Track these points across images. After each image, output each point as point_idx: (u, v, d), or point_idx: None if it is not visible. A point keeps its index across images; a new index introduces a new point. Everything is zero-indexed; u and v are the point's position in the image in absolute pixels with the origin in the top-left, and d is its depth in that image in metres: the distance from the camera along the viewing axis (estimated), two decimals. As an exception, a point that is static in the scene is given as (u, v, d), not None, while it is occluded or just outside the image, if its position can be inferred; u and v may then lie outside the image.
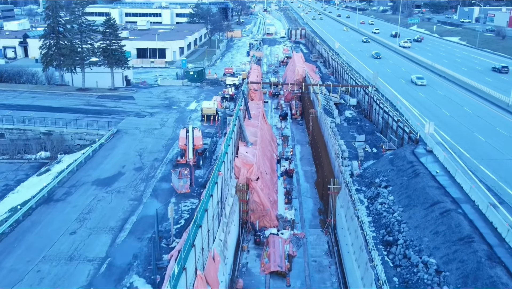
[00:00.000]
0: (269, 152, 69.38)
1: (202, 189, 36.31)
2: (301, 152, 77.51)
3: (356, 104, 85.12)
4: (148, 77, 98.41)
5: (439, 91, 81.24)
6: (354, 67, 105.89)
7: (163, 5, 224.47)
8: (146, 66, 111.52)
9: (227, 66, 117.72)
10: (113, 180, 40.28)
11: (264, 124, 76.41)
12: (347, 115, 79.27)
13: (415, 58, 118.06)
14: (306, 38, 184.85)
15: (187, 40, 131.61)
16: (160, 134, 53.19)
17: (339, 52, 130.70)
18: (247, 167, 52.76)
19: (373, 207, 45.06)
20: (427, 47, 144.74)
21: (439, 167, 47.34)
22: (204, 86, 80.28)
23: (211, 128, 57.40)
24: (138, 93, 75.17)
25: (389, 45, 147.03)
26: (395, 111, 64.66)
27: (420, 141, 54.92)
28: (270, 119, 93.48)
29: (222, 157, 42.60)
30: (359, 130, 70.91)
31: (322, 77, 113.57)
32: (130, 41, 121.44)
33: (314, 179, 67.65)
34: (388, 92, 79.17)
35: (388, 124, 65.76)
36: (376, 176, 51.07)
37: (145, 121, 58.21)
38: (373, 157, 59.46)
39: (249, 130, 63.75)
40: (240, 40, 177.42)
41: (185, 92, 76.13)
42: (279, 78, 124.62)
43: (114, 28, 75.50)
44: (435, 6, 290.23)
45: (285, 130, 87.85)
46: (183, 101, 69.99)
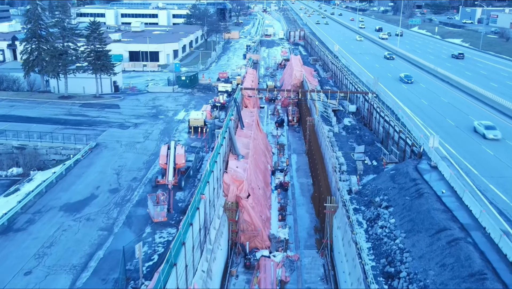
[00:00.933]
0: (262, 164, 65.45)
1: (182, 215, 32.43)
2: (297, 162, 73.57)
3: (355, 111, 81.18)
4: (139, 82, 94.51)
5: (442, 98, 77.29)
6: (353, 71, 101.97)
7: (160, 5, 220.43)
8: (138, 70, 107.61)
9: (222, 69, 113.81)
10: (83, 205, 36.33)
11: (259, 133, 72.51)
12: (346, 123, 75.35)
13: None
14: (305, 39, 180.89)
15: (181, 43, 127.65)
16: (143, 148, 49.23)
17: (339, 55, 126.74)
18: (236, 184, 48.86)
19: (372, 231, 41.11)
20: (429, 49, 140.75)
21: (445, 186, 43.39)
22: (195, 93, 76.29)
23: (199, 141, 53.39)
24: (125, 101, 71.20)
25: (393, 49, 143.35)
26: (397, 121, 60.74)
27: (423, 155, 50.97)
28: (266, 126, 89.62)
29: (207, 176, 38.68)
30: (358, 140, 67.02)
31: (320, 81, 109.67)
32: (123, 44, 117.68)
33: (310, 193, 63.71)
34: (389, 99, 75.21)
35: (389, 135, 61.82)
36: (376, 194, 47.15)
37: (128, 134, 54.24)
38: (373, 170, 55.55)
39: (241, 141, 59.85)
40: (237, 42, 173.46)
41: (174, 100, 72.12)
42: (277, 82, 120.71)
43: (99, 32, 71.47)
44: (436, 7, 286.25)
45: (281, 138, 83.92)
46: (171, 110, 66.00)
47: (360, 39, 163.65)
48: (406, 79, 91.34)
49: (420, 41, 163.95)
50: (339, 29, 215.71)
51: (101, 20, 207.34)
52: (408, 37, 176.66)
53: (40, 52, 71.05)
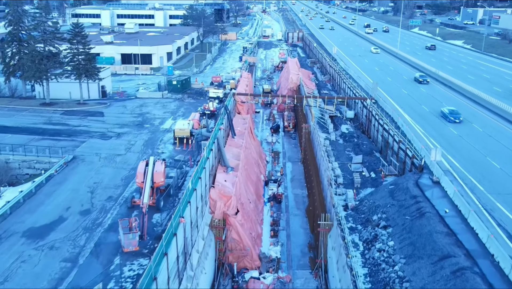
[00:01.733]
0: (255, 174, 62.07)
1: (157, 242, 29.10)
2: (292, 171, 70.21)
3: (353, 118, 77.80)
4: (130, 86, 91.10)
5: (444, 103, 73.90)
6: (352, 75, 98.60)
7: (157, 6, 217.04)
8: (130, 73, 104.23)
9: (217, 72, 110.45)
10: (49, 229, 32.92)
11: (252, 141, 69.15)
12: (343, 130, 71.95)
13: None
14: (303, 41, 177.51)
15: (175, 45, 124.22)
16: (123, 162, 45.78)
17: (337, 57, 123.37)
18: (224, 200, 45.49)
19: (369, 255, 37.72)
20: (430, 52, 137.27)
21: (448, 204, 40.00)
22: (185, 99, 72.80)
23: (184, 153, 49.87)
24: (110, 108, 67.71)
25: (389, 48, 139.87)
26: (396, 130, 57.30)
27: (425, 168, 47.58)
28: (261, 132, 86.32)
29: (188, 196, 35.29)
30: (356, 149, 63.60)
31: (318, 85, 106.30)
32: (115, 46, 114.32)
33: (305, 205, 60.35)
34: (389, 105, 71.83)
35: (388, 144, 58.43)
36: (374, 211, 43.76)
37: (109, 145, 50.76)
38: (371, 183, 52.16)
39: (231, 151, 56.49)
40: (234, 44, 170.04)
41: (162, 107, 68.60)
42: (273, 85, 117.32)
43: (83, 35, 67.94)
44: (437, 7, 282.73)
45: (276, 145, 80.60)
46: (158, 118, 62.49)
47: (376, 51, 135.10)
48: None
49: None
50: (349, 37, 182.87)
51: (96, 21, 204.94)
52: (408, 38, 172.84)
53: (22, 56, 67.63)
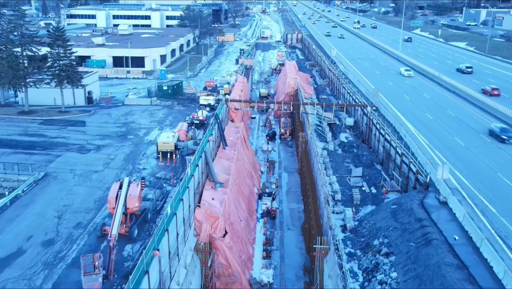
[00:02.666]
0: (247, 187, 58.11)
1: (126, 281, 25.13)
2: (288, 183, 66.24)
3: (353, 125, 73.85)
4: (119, 90, 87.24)
5: (449, 111, 69.89)
6: (351, 79, 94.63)
7: (153, 7, 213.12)
8: (121, 76, 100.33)
9: (212, 76, 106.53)
10: (3, 265, 28.79)
11: (245, 151, 65.20)
12: (343, 139, 68.03)
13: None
14: (302, 42, 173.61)
15: (169, 47, 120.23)
16: (99, 180, 41.83)
17: (336, 60, 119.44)
18: (211, 221, 41.55)
19: (370, 287, 33.73)
20: (432, 54, 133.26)
21: (458, 229, 36.01)
22: (174, 106, 68.82)
23: (168, 169, 45.89)
24: (94, 116, 63.72)
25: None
26: (399, 142, 53.30)
27: (430, 186, 43.58)
28: (256, 140, 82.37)
29: (166, 222, 31.32)
30: (356, 160, 59.65)
31: (316, 89, 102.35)
32: (106, 48, 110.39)
33: (301, 221, 56.36)
34: (390, 113, 67.84)
35: (390, 156, 54.46)
36: (375, 235, 39.78)
37: (86, 160, 46.78)
38: (371, 200, 48.24)
39: (222, 164, 52.53)
40: (231, 45, 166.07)
41: (150, 115, 64.57)
42: (271, 89, 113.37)
43: (64, 39, 63.92)
44: (439, 8, 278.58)
45: (272, 154, 76.66)
46: (143, 128, 58.48)
47: (409, 74, 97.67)
48: None
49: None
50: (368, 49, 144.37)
51: (91, 22, 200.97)
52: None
53: (-1, 61, 63.69)
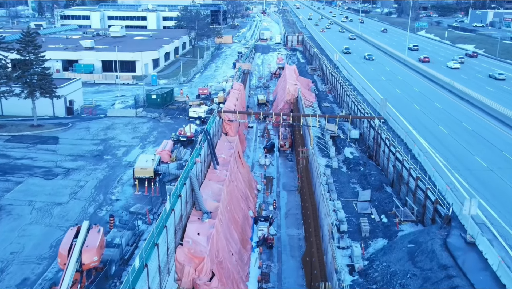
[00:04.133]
0: (241, 212, 51.70)
1: None
2: (287, 204, 59.75)
3: (358, 138, 67.50)
4: (106, 98, 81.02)
5: (465, 124, 63.47)
6: (356, 86, 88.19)
7: (150, 7, 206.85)
8: (110, 82, 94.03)
9: (207, 82, 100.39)
10: None
11: (239, 169, 58.83)
12: (347, 154, 61.68)
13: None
14: (303, 45, 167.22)
15: (162, 50, 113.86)
16: (61, 216, 35.51)
17: (339, 64, 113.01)
18: (195, 262, 35.25)
19: None
20: (440, 57, 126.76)
21: (492, 281, 29.64)
22: (161, 119, 62.44)
23: (144, 201, 39.41)
24: (70, 131, 57.34)
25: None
26: (413, 162, 46.90)
27: (453, 219, 37.19)
28: (253, 152, 75.97)
29: (132, 280, 24.94)
30: (363, 181, 53.28)
31: (318, 96, 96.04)
32: (95, 52, 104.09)
33: (301, 251, 49.93)
34: (400, 126, 61.42)
35: (403, 179, 48.09)
36: (389, 281, 33.39)
37: (51, 188, 40.46)
38: (382, 231, 41.89)
39: (211, 188, 46.22)
40: (229, 48, 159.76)
41: (133, 130, 58.17)
42: (270, 95, 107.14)
43: (35, 45, 57.49)
44: (443, 9, 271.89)
45: (270, 169, 70.16)
46: (123, 146, 52.09)
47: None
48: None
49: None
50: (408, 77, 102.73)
51: (86, 23, 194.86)
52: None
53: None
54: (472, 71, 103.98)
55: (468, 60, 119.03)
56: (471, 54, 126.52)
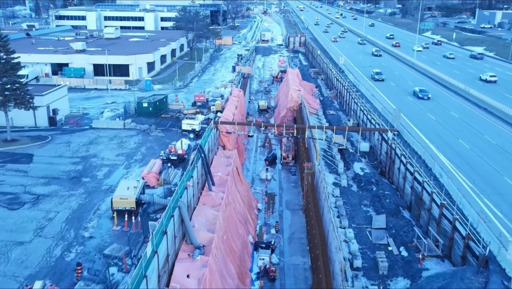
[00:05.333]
0: (239, 240, 45.82)
1: None
2: (291, 225, 53.90)
3: (368, 151, 61.66)
4: (96, 105, 75.29)
5: (488, 138, 57.55)
6: (363, 93, 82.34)
7: (148, 7, 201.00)
8: (101, 87, 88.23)
9: (204, 87, 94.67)
10: None
11: (238, 188, 53.00)
12: (357, 170, 55.87)
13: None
14: (306, 46, 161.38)
15: (158, 53, 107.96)
16: (20, 260, 29.41)
17: (344, 68, 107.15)
18: (182, 315, 29.38)
19: None
20: (450, 60, 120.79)
21: None
22: (152, 131, 56.49)
23: (123, 241, 33.18)
24: (47, 147, 51.35)
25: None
26: (435, 186, 41.04)
27: (491, 260, 31.32)
28: (253, 164, 70.20)
29: None
30: (376, 203, 47.44)
31: (323, 102, 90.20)
32: (86, 55, 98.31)
33: (308, 285, 44.10)
34: (416, 139, 55.52)
35: (423, 203, 42.27)
36: None
37: (14, 221, 34.37)
38: (403, 269, 36.08)
39: (205, 215, 40.39)
40: (229, 49, 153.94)
41: (118, 145, 52.17)
42: (271, 100, 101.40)
43: (7, 50, 51.39)
44: (448, 9, 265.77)
45: (272, 184, 64.34)
46: (105, 166, 46.15)
47: None
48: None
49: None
50: None
51: (82, 23, 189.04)
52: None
53: None
54: (432, 53, 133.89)
55: (433, 47, 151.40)
56: (436, 42, 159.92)
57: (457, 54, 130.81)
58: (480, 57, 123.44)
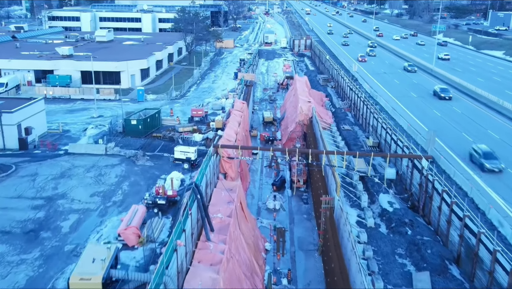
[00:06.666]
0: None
1: None
2: (306, 273, 44.59)
3: (395, 178, 52.38)
4: (79, 120, 66.30)
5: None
6: (383, 106, 73.14)
7: (145, 8, 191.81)
8: (88, 98, 79.08)
9: (204, 96, 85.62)
10: None
11: (242, 229, 43.72)
12: (385, 205, 46.78)
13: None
14: (312, 50, 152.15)
15: (152, 59, 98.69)
16: None
17: (357, 75, 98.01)
18: None
19: None
20: (471, 66, 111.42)
21: None
22: (139, 159, 46.75)
23: None
24: (7, 182, 41.38)
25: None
26: (491, 234, 31.77)
27: None
28: (258, 190, 61.00)
29: None
30: (414, 253, 38.25)
31: (335, 114, 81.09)
32: (73, 61, 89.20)
33: None
34: (456, 168, 46.21)
35: (481, 261, 33.02)
36: None
37: None
38: None
39: (201, 279, 31.21)
40: (231, 53, 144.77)
41: (96, 179, 42.55)
42: (277, 111, 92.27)
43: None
44: (457, 10, 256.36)
45: (280, 215, 55.07)
46: (74, 212, 36.64)
47: None
48: None
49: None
50: None
51: (76, 25, 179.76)
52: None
53: None
54: (408, 41, 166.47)
55: (411, 38, 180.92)
56: (413, 34, 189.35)
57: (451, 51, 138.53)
58: (444, 44, 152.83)
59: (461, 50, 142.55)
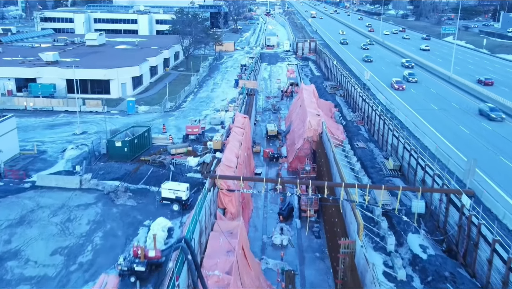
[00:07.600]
0: None
1: None
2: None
3: (424, 213, 44.42)
4: (59, 137, 58.53)
5: None
6: (403, 122, 65.14)
7: (142, 9, 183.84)
8: (73, 110, 71.14)
9: (201, 107, 77.78)
10: None
11: (245, 280, 35.69)
12: (416, 249, 38.99)
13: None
14: (316, 53, 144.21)
15: (146, 65, 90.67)
16: None
17: (370, 84, 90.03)
18: None
19: None
20: (492, 74, 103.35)
21: None
22: (119, 196, 38.18)
23: None
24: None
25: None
26: None
27: None
28: (263, 220, 53.00)
29: None
30: (462, 322, 30.28)
31: (346, 127, 73.21)
32: (57, 68, 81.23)
33: None
34: (499, 203, 38.32)
35: None
36: None
37: None
38: None
39: None
40: (231, 57, 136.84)
41: (62, 227, 33.40)
42: (281, 122, 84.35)
43: None
44: (465, 11, 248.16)
45: (288, 253, 47.09)
46: (26, 282, 27.44)
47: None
48: None
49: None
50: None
51: (69, 26, 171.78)
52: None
53: None
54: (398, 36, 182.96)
55: (399, 33, 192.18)
56: (401, 30, 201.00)
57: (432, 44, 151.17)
58: (428, 38, 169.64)
59: (476, 54, 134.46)
